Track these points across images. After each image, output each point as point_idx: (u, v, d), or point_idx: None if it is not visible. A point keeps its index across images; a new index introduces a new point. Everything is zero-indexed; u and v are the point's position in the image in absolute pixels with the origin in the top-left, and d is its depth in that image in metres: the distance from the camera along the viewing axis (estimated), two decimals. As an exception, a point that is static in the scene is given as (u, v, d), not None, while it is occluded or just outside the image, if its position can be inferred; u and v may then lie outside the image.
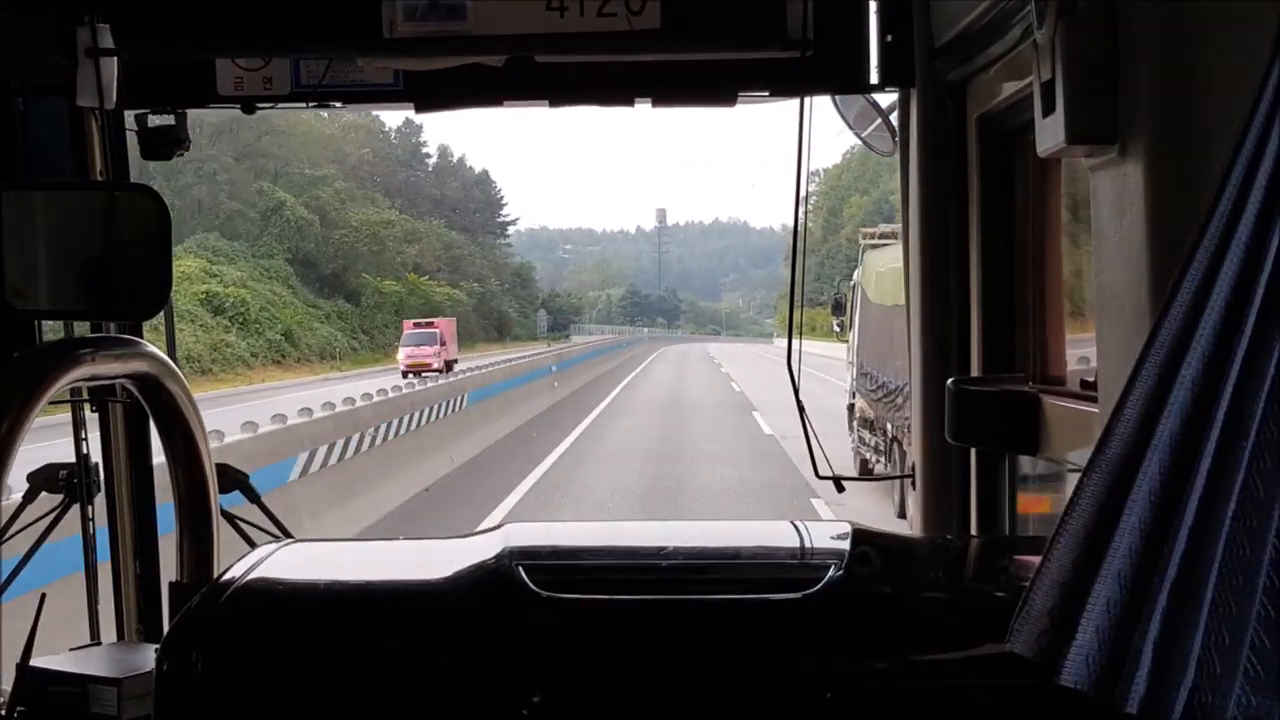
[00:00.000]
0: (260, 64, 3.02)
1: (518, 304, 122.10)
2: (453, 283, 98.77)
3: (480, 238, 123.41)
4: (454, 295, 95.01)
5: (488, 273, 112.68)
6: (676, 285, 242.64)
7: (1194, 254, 1.14)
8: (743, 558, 2.09)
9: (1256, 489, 1.07)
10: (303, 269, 79.13)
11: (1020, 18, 2.29)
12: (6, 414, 1.80)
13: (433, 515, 18.17)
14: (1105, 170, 1.84)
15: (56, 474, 3.24)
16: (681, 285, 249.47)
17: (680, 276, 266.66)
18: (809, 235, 3.26)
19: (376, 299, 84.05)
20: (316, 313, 75.36)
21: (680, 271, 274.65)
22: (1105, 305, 1.88)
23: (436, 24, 2.69)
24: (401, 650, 1.67)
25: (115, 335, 2.78)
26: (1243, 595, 1.06)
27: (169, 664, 1.67)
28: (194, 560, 2.33)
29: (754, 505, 19.38)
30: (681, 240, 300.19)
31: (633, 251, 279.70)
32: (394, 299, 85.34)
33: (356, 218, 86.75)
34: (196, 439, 2.30)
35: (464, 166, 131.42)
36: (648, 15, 2.66)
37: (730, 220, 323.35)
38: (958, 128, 2.90)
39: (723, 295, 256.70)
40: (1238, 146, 1.11)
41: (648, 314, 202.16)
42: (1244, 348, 1.09)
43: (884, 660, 1.67)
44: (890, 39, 2.98)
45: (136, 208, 2.38)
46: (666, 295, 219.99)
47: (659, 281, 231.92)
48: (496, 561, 1.81)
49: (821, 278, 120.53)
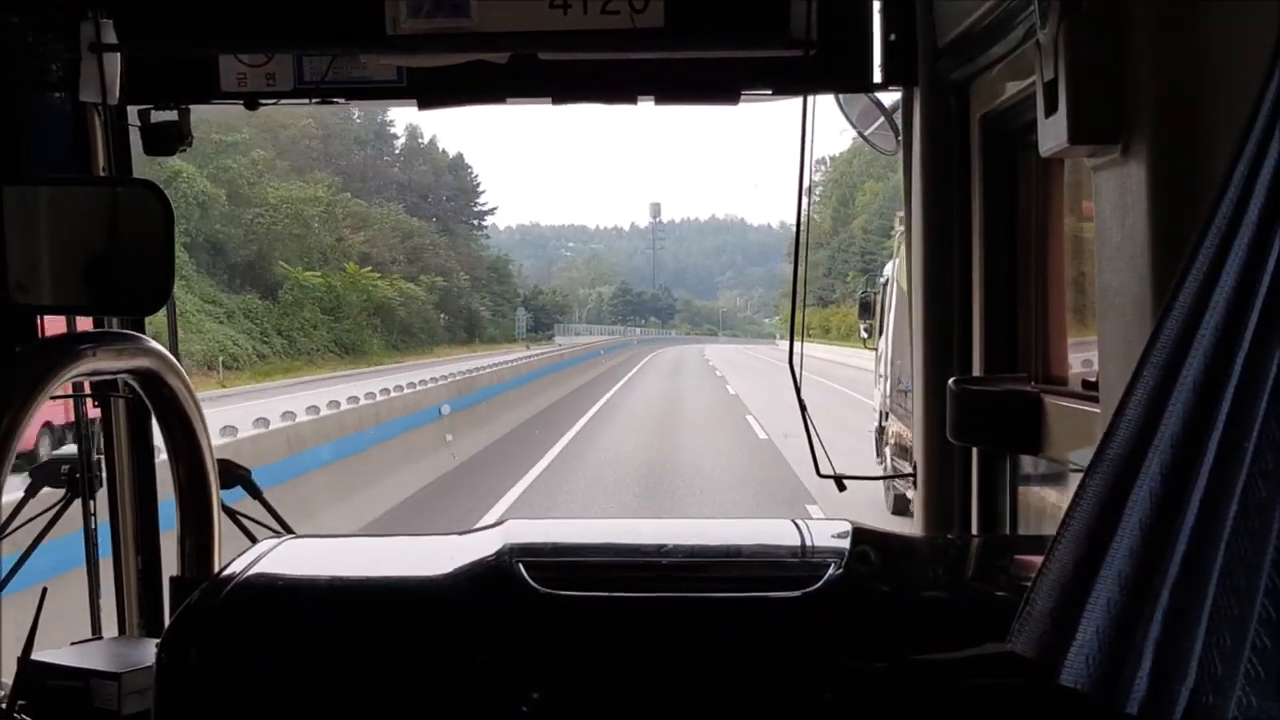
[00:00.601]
0: (263, 60, 3.03)
1: (493, 301, 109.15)
2: (410, 276, 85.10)
3: (451, 227, 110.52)
4: (409, 290, 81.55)
5: (454, 266, 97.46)
6: (671, 284, 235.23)
7: (1196, 254, 1.14)
8: (743, 556, 2.09)
9: (1258, 489, 1.07)
10: (209, 256, 62.74)
11: (1023, 18, 2.29)
12: (8, 408, 1.80)
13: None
14: (1108, 170, 1.84)
15: (58, 468, 3.25)
16: (677, 283, 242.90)
17: (675, 274, 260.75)
18: (816, 228, 3.27)
19: (297, 294, 66.08)
20: (214, 310, 58.28)
21: (675, 269, 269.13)
22: (1107, 305, 1.88)
23: (440, 21, 2.70)
24: (401, 646, 1.67)
25: (117, 330, 2.78)
26: (1244, 596, 1.06)
27: (169, 658, 1.67)
28: (195, 555, 2.33)
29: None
30: (677, 238, 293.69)
31: (627, 249, 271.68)
32: (321, 293, 68.48)
33: (276, 194, 70.34)
34: (198, 434, 2.30)
35: (435, 149, 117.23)
36: (651, 13, 2.66)
37: (727, 217, 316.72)
38: (961, 127, 2.90)
39: (719, 294, 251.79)
40: (1240, 146, 1.11)
41: (640, 313, 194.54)
42: (1246, 348, 1.09)
43: (884, 659, 1.67)
44: (893, 38, 2.98)
45: (139, 203, 2.38)
46: (660, 293, 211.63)
47: (653, 279, 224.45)
48: (497, 558, 1.81)
49: (833, 272, 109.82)
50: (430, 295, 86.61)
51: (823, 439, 3.11)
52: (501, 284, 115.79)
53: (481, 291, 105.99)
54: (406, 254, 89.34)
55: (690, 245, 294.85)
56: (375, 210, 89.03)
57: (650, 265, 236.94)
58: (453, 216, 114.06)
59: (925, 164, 2.99)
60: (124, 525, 3.25)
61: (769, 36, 2.70)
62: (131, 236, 2.37)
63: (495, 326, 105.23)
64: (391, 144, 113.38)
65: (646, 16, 2.67)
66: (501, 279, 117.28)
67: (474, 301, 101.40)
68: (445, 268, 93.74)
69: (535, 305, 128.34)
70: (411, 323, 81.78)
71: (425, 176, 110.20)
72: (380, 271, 78.79)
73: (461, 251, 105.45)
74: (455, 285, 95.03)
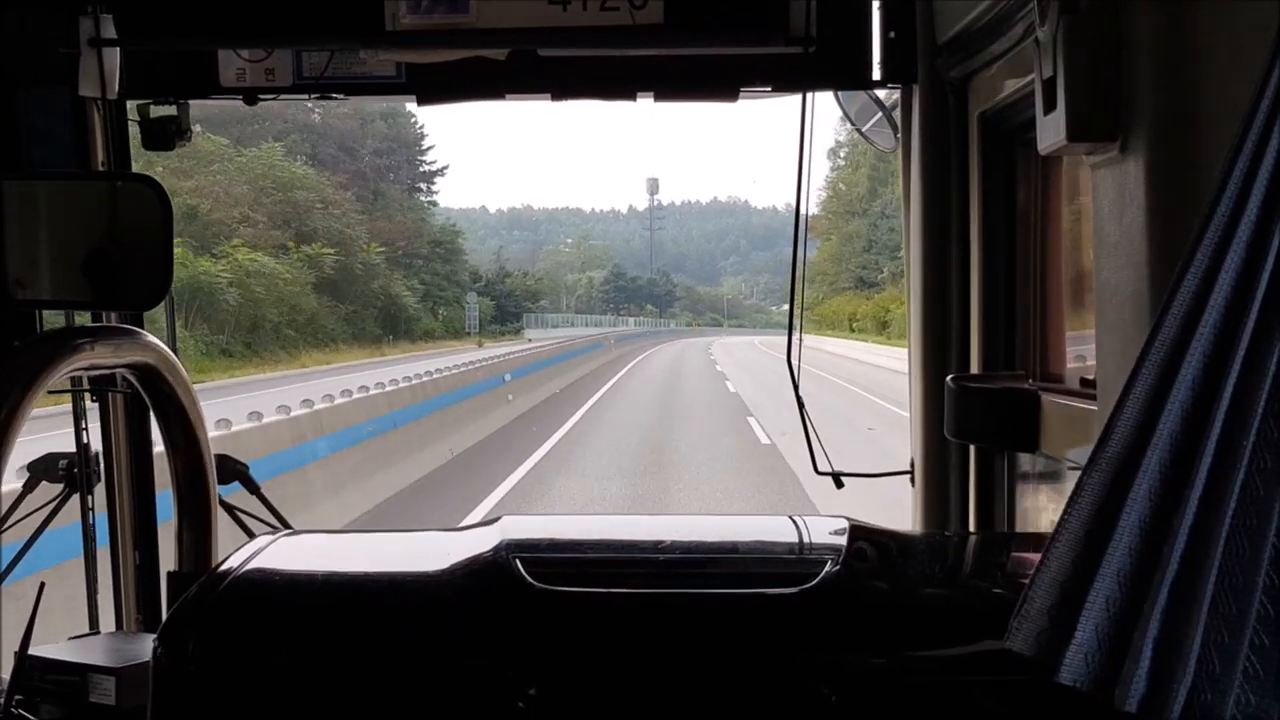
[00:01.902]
0: (263, 55, 3.02)
1: (434, 283, 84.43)
2: (281, 244, 61.33)
3: (381, 188, 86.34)
4: (267, 267, 56.99)
5: (358, 235, 70.12)
6: (671, 269, 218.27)
7: (1194, 252, 1.14)
8: (740, 552, 2.09)
9: (1256, 487, 1.07)
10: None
11: (1022, 15, 2.29)
12: (6, 402, 1.80)
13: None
14: (1106, 168, 1.84)
15: (57, 463, 3.25)
16: (677, 269, 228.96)
17: (675, 259, 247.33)
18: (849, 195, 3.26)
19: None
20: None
21: (675, 254, 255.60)
22: (1105, 303, 1.88)
23: (439, 17, 2.70)
24: (398, 641, 1.67)
25: (115, 325, 2.78)
26: (1243, 594, 1.06)
27: (166, 654, 1.67)
28: (193, 550, 2.33)
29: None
30: (677, 221, 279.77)
31: (624, 233, 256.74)
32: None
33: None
34: (196, 429, 2.30)
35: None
36: (650, 10, 2.67)
37: (730, 200, 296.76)
38: (959, 124, 2.90)
39: (722, 280, 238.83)
40: (1238, 144, 1.12)
41: (635, 300, 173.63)
42: (1244, 346, 1.09)
43: (881, 656, 1.67)
44: (893, 35, 2.98)
45: (138, 198, 2.37)
46: (658, 278, 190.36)
47: (650, 262, 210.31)
48: (494, 553, 1.81)
49: (874, 246, 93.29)
50: (306, 273, 61.74)
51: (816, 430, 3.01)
52: (447, 263, 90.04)
53: (420, 272, 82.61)
54: (283, 216, 64.14)
55: (691, 229, 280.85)
56: (227, 151, 62.40)
57: (648, 249, 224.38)
58: (381, 173, 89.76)
59: (924, 161, 2.99)
60: (122, 520, 3.25)
61: (768, 33, 2.70)
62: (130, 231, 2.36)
63: (435, 318, 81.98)
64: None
65: (646, 13, 2.67)
66: (449, 257, 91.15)
67: (395, 284, 74.74)
68: (346, 238, 67.93)
69: (501, 291, 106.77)
70: (261, 315, 56.24)
71: (344, 121, 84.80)
72: (228, 237, 57.15)
73: (396, 221, 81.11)
74: (360, 261, 69.18)
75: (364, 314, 68.76)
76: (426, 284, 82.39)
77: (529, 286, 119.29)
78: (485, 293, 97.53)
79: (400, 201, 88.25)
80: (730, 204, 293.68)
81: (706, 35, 2.74)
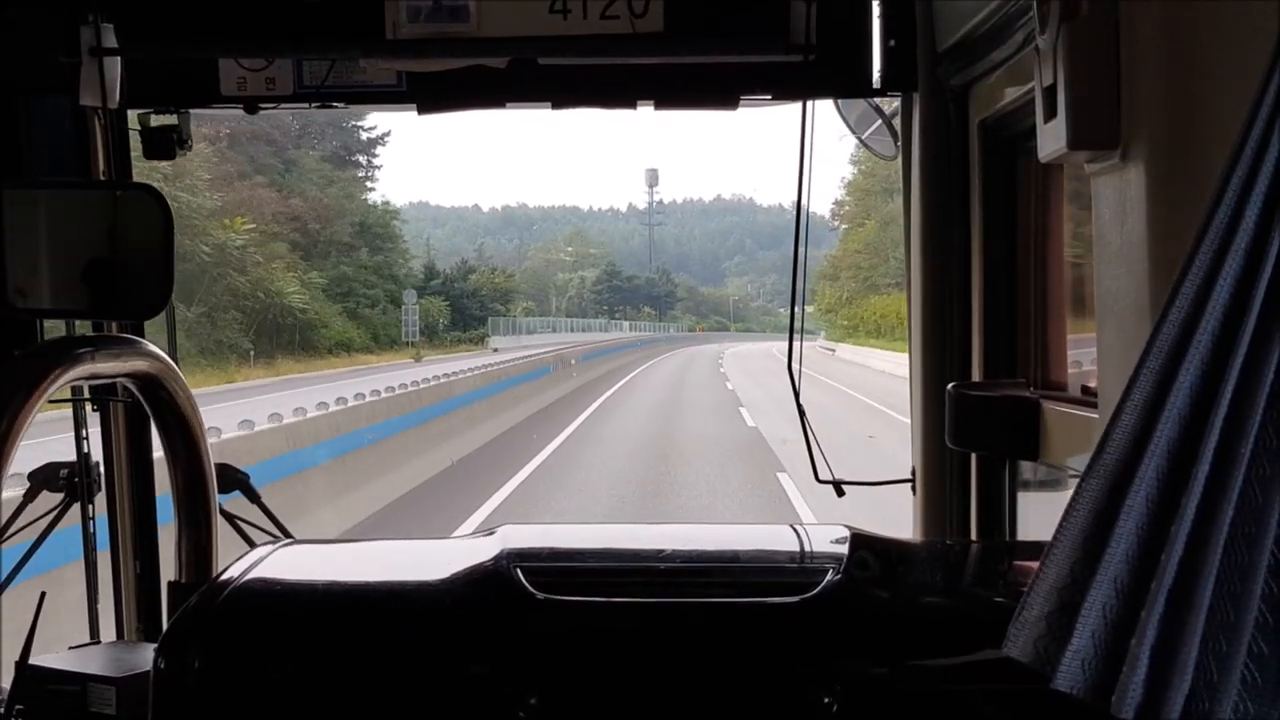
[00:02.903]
0: (263, 64, 3.03)
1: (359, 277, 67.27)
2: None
3: (293, 154, 69.16)
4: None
5: (205, 205, 50.41)
6: (673, 268, 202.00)
7: (1194, 259, 1.14)
8: (741, 561, 2.09)
9: (1255, 495, 1.07)
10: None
11: (1023, 23, 2.29)
12: (6, 411, 1.80)
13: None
14: (1107, 176, 1.84)
15: (57, 472, 3.24)
16: (679, 268, 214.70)
17: (677, 259, 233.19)
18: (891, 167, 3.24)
19: None
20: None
21: (677, 253, 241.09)
22: (1106, 311, 1.88)
23: (439, 26, 2.70)
24: (398, 651, 1.67)
25: (116, 334, 2.78)
26: (1240, 602, 1.06)
27: (166, 663, 1.67)
28: (193, 560, 2.33)
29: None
30: (679, 220, 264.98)
31: (623, 231, 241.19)
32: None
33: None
34: (196, 438, 2.30)
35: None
36: (650, 18, 2.67)
37: (734, 197, 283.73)
38: (960, 132, 2.90)
39: (727, 280, 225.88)
40: (1238, 153, 1.11)
41: (632, 301, 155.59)
42: (1243, 354, 1.09)
43: (882, 665, 1.66)
44: (893, 43, 2.98)
45: (139, 207, 2.38)
46: (657, 278, 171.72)
47: (649, 260, 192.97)
48: (494, 563, 1.81)
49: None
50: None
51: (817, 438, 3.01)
52: (377, 253, 71.59)
53: (340, 264, 66.23)
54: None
55: (694, 227, 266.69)
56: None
57: (648, 249, 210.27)
58: (295, 140, 71.62)
59: (924, 169, 2.99)
60: (123, 529, 3.25)
61: (768, 41, 2.70)
62: (131, 240, 2.37)
63: (357, 323, 64.15)
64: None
65: (646, 21, 2.67)
66: (383, 243, 72.93)
67: (281, 279, 56.40)
68: (183, 209, 45.60)
69: (461, 290, 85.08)
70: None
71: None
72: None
73: (311, 197, 64.80)
74: (204, 245, 49.87)
75: (221, 319, 50.87)
76: (349, 279, 66.52)
77: (497, 284, 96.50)
78: (440, 292, 79.94)
79: (321, 174, 70.66)
80: (734, 202, 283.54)
81: (707, 43, 2.74)
